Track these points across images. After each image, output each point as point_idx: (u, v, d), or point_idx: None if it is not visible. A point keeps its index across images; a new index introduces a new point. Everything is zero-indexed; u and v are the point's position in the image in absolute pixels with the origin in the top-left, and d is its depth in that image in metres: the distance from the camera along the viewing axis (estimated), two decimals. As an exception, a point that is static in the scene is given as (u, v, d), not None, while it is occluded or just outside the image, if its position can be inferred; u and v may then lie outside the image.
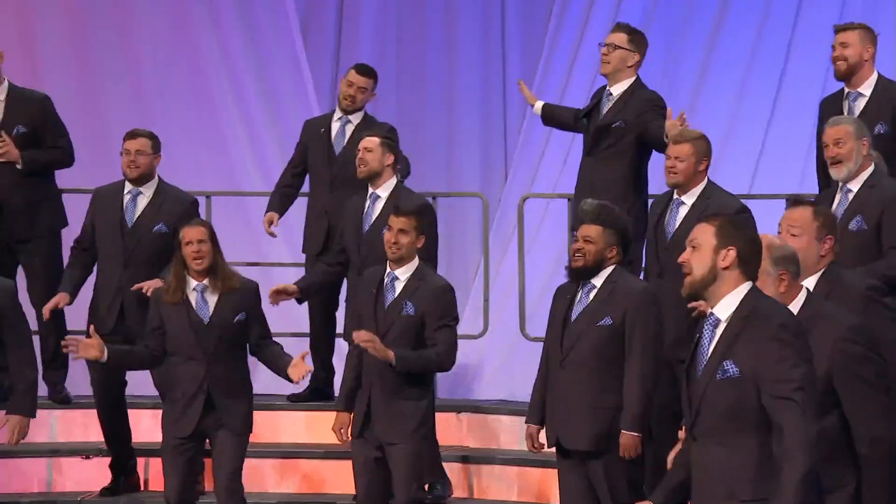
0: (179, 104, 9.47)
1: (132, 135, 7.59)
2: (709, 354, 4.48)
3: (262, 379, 7.32)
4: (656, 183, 7.62)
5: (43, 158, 8.03)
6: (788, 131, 9.15)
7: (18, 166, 7.95)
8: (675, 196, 6.90)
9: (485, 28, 9.94)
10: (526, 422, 6.38)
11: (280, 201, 8.23)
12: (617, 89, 7.63)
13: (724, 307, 4.49)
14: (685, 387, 4.56)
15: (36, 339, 8.18)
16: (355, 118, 8.15)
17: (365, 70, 8.21)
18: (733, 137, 9.27)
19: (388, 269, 6.67)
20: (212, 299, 6.76)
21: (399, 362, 6.49)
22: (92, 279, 7.69)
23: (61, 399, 8.08)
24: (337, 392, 7.43)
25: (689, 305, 6.51)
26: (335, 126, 8.15)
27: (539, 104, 7.99)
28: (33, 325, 8.23)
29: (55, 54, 9.21)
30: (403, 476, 6.54)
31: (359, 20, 9.83)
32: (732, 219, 4.59)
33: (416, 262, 6.67)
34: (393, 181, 7.38)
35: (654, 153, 7.59)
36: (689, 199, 6.86)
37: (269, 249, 8.99)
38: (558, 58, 9.67)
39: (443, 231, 7.60)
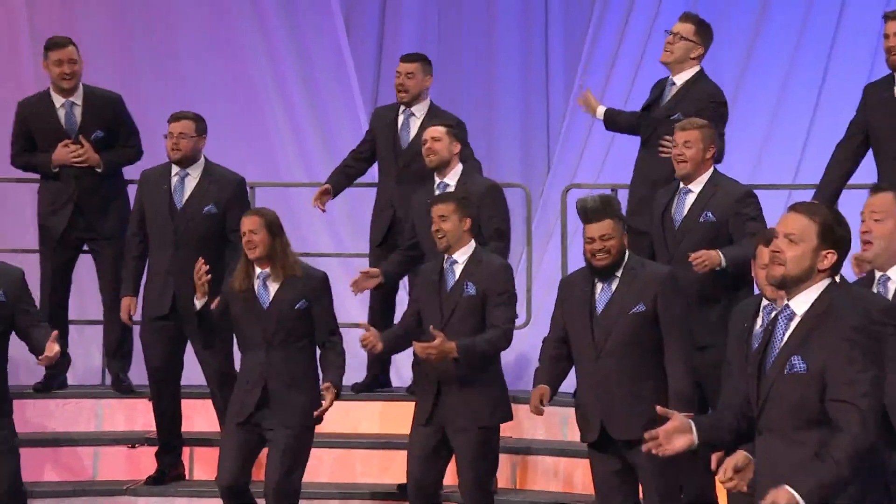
0: (222, 96, 9.58)
1: (176, 117, 7.72)
2: (779, 348, 4.46)
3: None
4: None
5: (119, 160, 8.15)
6: (833, 122, 9.15)
7: (99, 170, 8.07)
8: (682, 185, 6.98)
9: (527, 18, 9.99)
10: (536, 384, 6.37)
11: (336, 178, 8.28)
12: (680, 79, 7.64)
13: (802, 302, 4.46)
14: (753, 378, 4.54)
15: (99, 329, 8.40)
16: (419, 111, 8.19)
17: (408, 57, 8.27)
18: (777, 129, 9.30)
19: (447, 256, 6.79)
20: (273, 286, 6.88)
21: (463, 353, 6.57)
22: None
23: (124, 388, 8.23)
24: (393, 380, 7.55)
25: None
26: (400, 119, 8.21)
27: (601, 109, 7.90)
28: (98, 314, 8.43)
29: (97, 45, 9.33)
30: (470, 462, 6.64)
31: (400, 12, 9.90)
32: (834, 216, 4.50)
33: (472, 244, 6.79)
34: (459, 168, 7.48)
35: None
36: (696, 186, 6.96)
37: (312, 240, 9.11)
38: (602, 46, 9.72)
39: (485, 221, 7.67)
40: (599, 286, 6.27)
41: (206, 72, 9.67)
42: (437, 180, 7.50)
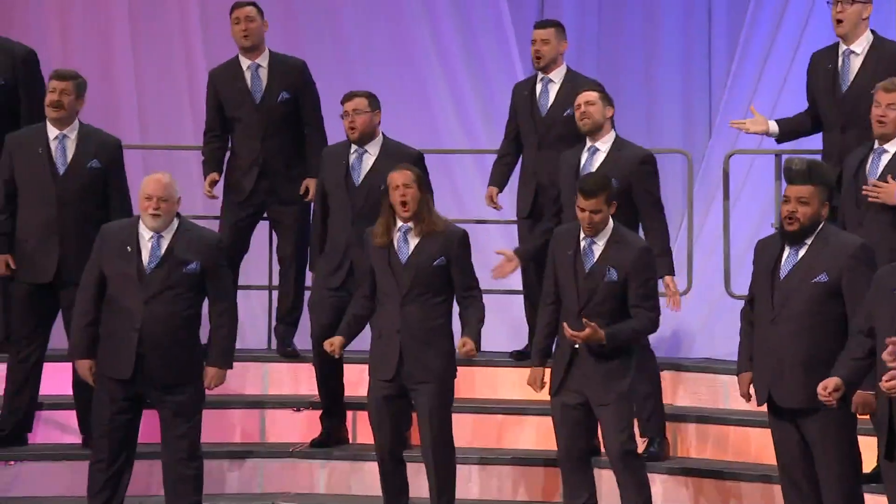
0: (383, 64, 9.85)
1: (348, 96, 8.04)
2: None
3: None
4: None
5: (313, 159, 8.45)
6: None
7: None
8: (877, 145, 6.98)
9: (689, -20, 10.12)
10: (739, 372, 6.52)
11: (499, 172, 8.60)
12: (858, 46, 7.56)
13: None
14: None
15: (264, 294, 8.84)
16: (556, 76, 8.47)
17: (542, 24, 8.57)
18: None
19: (584, 234, 6.98)
20: (413, 241, 7.14)
21: (610, 340, 6.84)
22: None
23: (288, 353, 8.63)
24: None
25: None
26: (538, 87, 8.49)
27: (773, 124, 7.85)
28: (263, 279, 8.86)
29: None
30: (614, 429, 6.89)
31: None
32: None
33: (610, 224, 6.98)
34: (612, 134, 7.69)
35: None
36: (892, 147, 6.94)
37: (473, 207, 9.38)
38: (767, 5, 9.78)
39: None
40: (787, 251, 6.31)
41: (369, 41, 9.94)
42: (588, 144, 7.69)
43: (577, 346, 6.89)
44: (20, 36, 9.12)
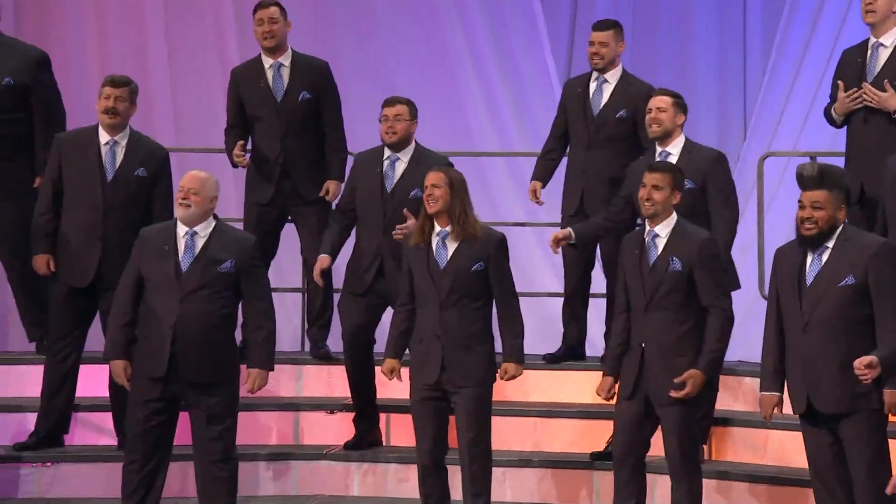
0: (416, 66, 9.97)
1: (390, 102, 8.11)
2: None
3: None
4: None
5: (340, 166, 8.60)
6: None
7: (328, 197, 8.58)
8: None
9: (723, -17, 10.17)
10: (763, 391, 6.54)
11: (543, 167, 8.64)
12: (888, 38, 7.63)
13: None
14: None
15: (298, 297, 8.93)
16: (612, 77, 8.52)
17: (600, 25, 8.61)
18: None
19: (648, 228, 7.04)
20: (451, 246, 7.19)
21: (710, 370, 6.92)
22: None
23: (321, 355, 8.73)
24: (588, 352, 7.87)
25: None
26: (592, 86, 8.53)
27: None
28: (297, 282, 8.95)
29: (296, 17, 9.79)
30: (676, 432, 6.93)
31: (595, -21, 10.19)
32: None
33: (674, 217, 7.03)
34: (682, 138, 7.74)
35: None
36: None
37: (505, 210, 9.45)
38: (802, 8, 9.81)
39: (678, 189, 7.89)
40: (810, 257, 6.37)
41: (401, 42, 10.04)
42: (659, 149, 7.74)
43: (643, 344, 6.95)
44: (58, 40, 9.22)
